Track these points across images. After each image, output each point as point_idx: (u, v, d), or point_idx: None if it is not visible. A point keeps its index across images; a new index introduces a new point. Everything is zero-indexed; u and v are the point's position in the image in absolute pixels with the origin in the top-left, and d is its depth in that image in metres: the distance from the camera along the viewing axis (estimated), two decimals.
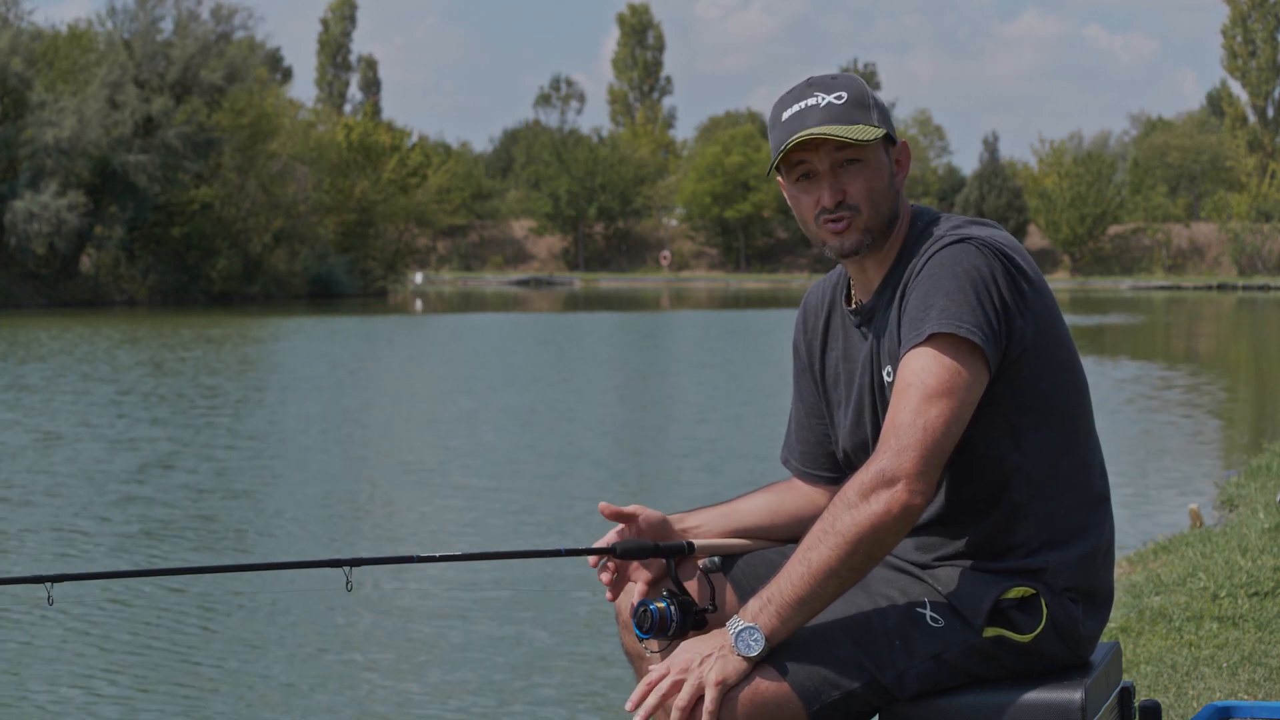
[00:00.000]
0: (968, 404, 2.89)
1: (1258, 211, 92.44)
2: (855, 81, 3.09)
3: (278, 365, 28.40)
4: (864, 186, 3.05)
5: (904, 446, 2.85)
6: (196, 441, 16.54)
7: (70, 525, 11.70)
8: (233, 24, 65.38)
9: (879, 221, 3.07)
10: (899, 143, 3.13)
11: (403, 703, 7.26)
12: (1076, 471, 3.06)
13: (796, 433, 3.36)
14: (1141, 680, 5.52)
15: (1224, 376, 26.91)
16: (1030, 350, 2.99)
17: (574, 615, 8.81)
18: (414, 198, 77.08)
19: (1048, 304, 3.03)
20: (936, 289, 2.93)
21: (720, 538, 3.27)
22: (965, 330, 2.88)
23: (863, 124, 3.03)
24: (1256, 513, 9.28)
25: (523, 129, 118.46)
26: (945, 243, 2.99)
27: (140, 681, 7.68)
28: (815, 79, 3.10)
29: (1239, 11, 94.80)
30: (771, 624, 2.87)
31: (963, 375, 2.88)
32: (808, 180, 3.08)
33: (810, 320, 3.29)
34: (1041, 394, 3.01)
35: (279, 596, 9.34)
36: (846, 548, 2.85)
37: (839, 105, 3.04)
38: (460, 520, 11.98)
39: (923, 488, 2.85)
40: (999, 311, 2.93)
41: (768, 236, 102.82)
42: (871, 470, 2.86)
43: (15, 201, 57.54)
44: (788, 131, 3.06)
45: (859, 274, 3.15)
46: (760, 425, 17.96)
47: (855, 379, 3.17)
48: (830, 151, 3.04)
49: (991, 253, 2.96)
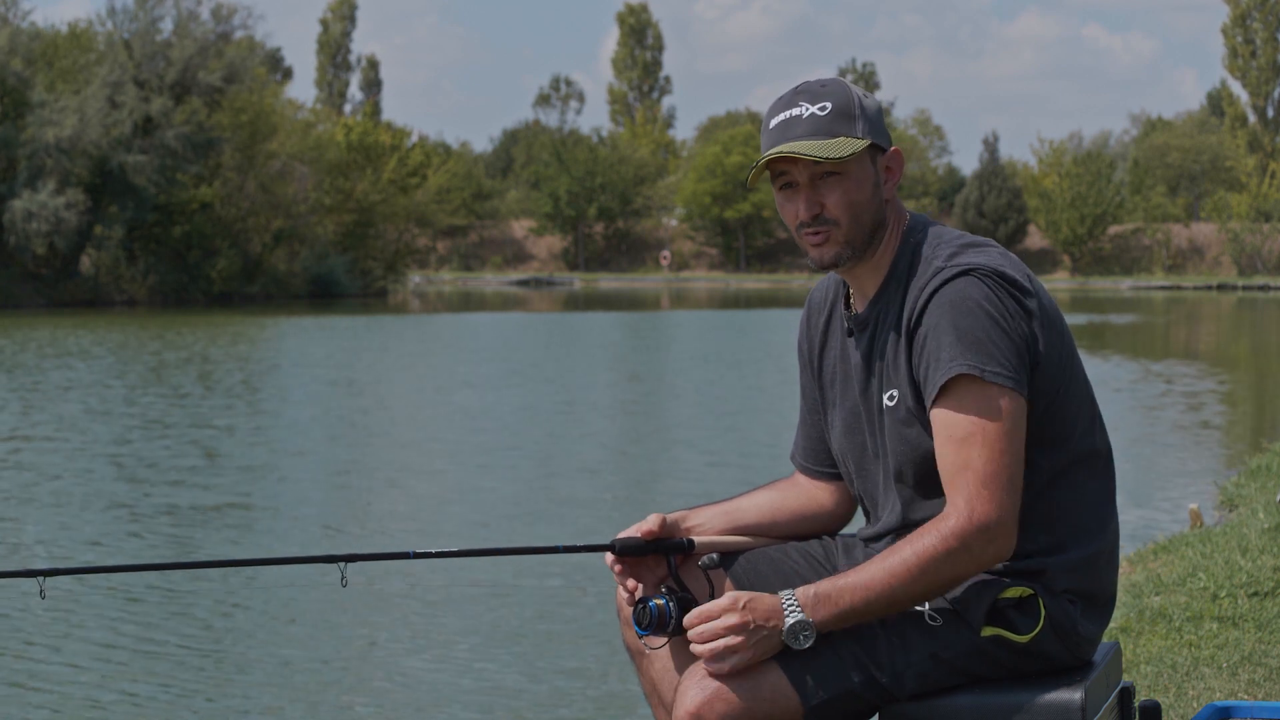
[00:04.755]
0: (1021, 438, 2.96)
1: (1258, 211, 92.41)
2: (843, 90, 3.08)
3: (277, 364, 28.39)
4: (842, 199, 3.05)
5: (999, 496, 2.92)
6: (194, 438, 16.54)
7: (66, 521, 11.71)
8: (232, 24, 65.39)
9: (859, 234, 3.07)
10: (889, 149, 3.12)
11: (399, 697, 7.25)
12: (1081, 476, 3.07)
13: (801, 428, 3.39)
14: (1141, 680, 5.52)
15: (1224, 376, 26.91)
16: (1041, 363, 3.01)
17: (573, 612, 8.80)
18: (414, 198, 77.05)
19: (1052, 316, 3.06)
20: (957, 331, 2.95)
21: (722, 535, 3.28)
22: (991, 374, 2.93)
23: (845, 136, 3.04)
24: (1256, 513, 9.27)
25: (523, 129, 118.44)
26: (947, 277, 3.00)
27: (132, 674, 7.69)
28: (805, 86, 3.11)
29: (1239, 11, 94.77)
30: (826, 622, 2.92)
31: (1009, 414, 2.94)
32: (790, 190, 3.10)
33: (813, 318, 3.31)
34: (1049, 402, 3.03)
35: (274, 592, 9.34)
36: (925, 582, 2.93)
37: (822, 117, 3.04)
38: (459, 517, 11.99)
39: (1011, 532, 2.95)
40: (1018, 341, 2.97)
41: (768, 236, 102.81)
42: (962, 516, 2.92)
43: (15, 201, 57.53)
44: (771, 140, 3.08)
45: (854, 281, 3.17)
46: (759, 424, 17.96)
47: (850, 385, 3.19)
48: (809, 165, 3.05)
49: (996, 282, 2.98)
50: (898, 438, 3.07)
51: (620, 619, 3.25)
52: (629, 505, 12.32)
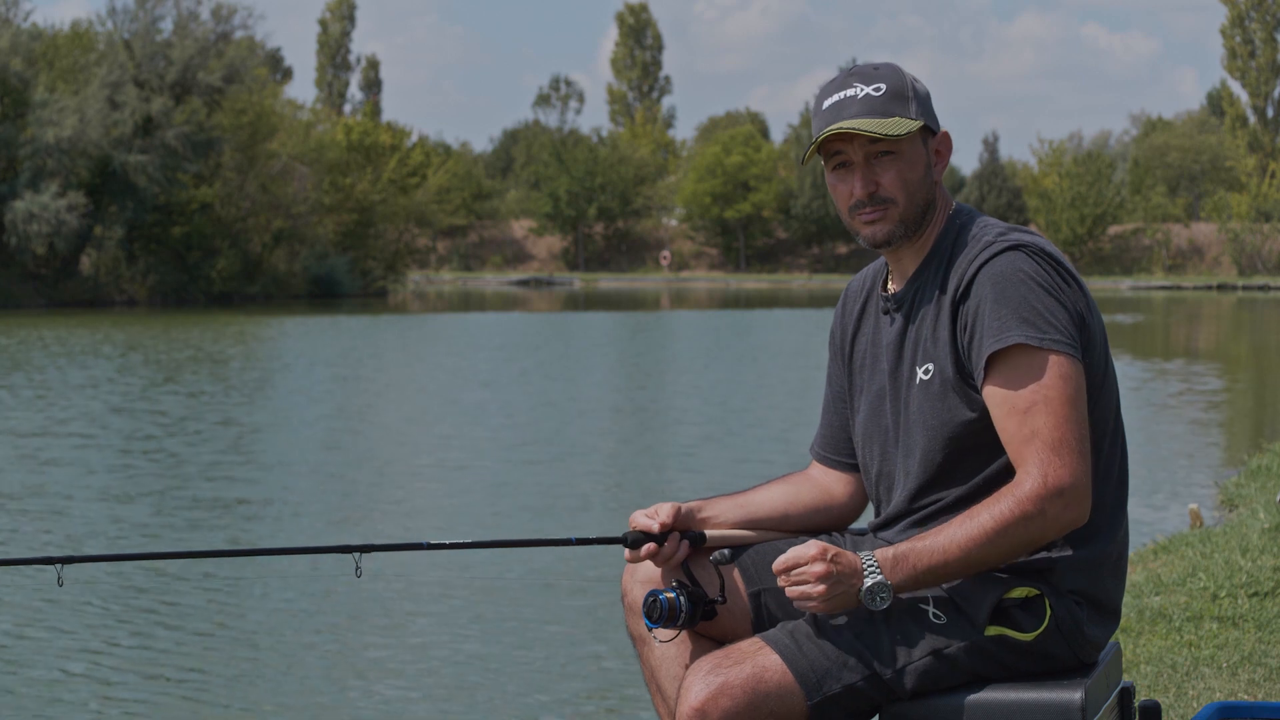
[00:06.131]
0: (1084, 401, 2.96)
1: (1258, 211, 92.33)
2: (896, 72, 3.12)
3: (281, 362, 28.39)
4: (897, 178, 3.08)
5: (1070, 460, 2.91)
6: (205, 434, 16.55)
7: (83, 511, 11.81)
8: (232, 24, 65.33)
9: (914, 212, 3.10)
10: (939, 132, 3.15)
11: (410, 688, 7.27)
12: (1098, 476, 3.07)
13: (824, 417, 3.41)
14: (1141, 680, 5.53)
15: (1224, 376, 26.91)
16: (1088, 348, 3.03)
17: (582, 604, 8.82)
18: (414, 198, 77.00)
19: (1093, 309, 3.07)
20: (1009, 302, 2.96)
21: (735, 528, 3.30)
22: (1049, 341, 2.94)
23: (899, 116, 3.07)
24: (1256, 513, 9.28)
25: (522, 129, 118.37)
26: (997, 250, 3.02)
27: (148, 662, 7.72)
28: (857, 69, 3.14)
29: (1237, 12, 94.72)
30: (903, 584, 2.95)
31: (1070, 378, 2.94)
32: (844, 169, 3.12)
33: (849, 305, 3.33)
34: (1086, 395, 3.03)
35: (289, 581, 9.38)
36: (1001, 547, 2.94)
37: (877, 98, 3.07)
38: (471, 511, 12.04)
39: (1085, 497, 2.94)
40: (1071, 310, 2.98)
41: (768, 237, 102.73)
42: (1036, 481, 2.91)
43: (15, 201, 57.50)
44: (825, 121, 3.10)
45: (895, 262, 3.19)
46: (759, 424, 17.96)
47: (879, 365, 3.19)
48: (864, 144, 3.07)
49: (1046, 258, 3.01)
50: (930, 411, 3.06)
51: (625, 606, 3.26)
52: (640, 500, 12.33)
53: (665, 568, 3.20)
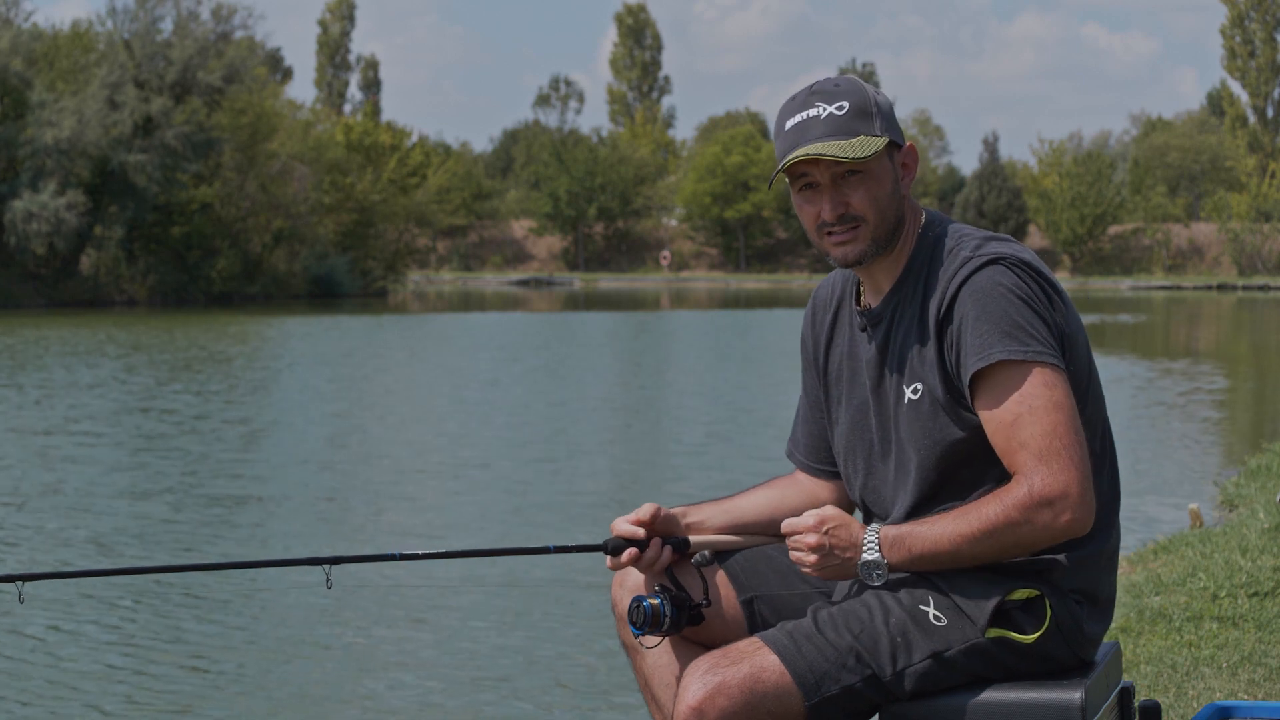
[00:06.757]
0: (1073, 407, 2.96)
1: (1257, 211, 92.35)
2: (858, 89, 3.08)
3: (275, 364, 28.38)
4: (866, 196, 3.05)
5: (1058, 468, 2.92)
6: (186, 441, 16.53)
7: (49, 525, 11.62)
8: (232, 24, 65.34)
9: (885, 229, 3.07)
10: (905, 146, 3.13)
11: (387, 701, 7.24)
12: (1094, 476, 3.06)
13: (802, 426, 3.38)
14: (1141, 680, 5.52)
15: (1224, 376, 26.90)
16: (1068, 357, 3.02)
17: (566, 613, 8.80)
18: (414, 198, 77.02)
19: (1073, 314, 3.07)
20: (990, 318, 2.95)
21: (721, 533, 3.29)
22: (1031, 354, 2.94)
23: (864, 134, 3.04)
24: (1256, 513, 9.28)
25: (522, 129, 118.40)
26: (976, 266, 3.00)
27: (115, 677, 7.66)
28: (819, 86, 3.10)
29: (1236, 13, 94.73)
30: (899, 564, 3.00)
31: (1054, 386, 2.94)
32: (811, 190, 3.09)
33: (819, 314, 3.30)
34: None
35: (259, 595, 9.33)
36: (989, 547, 2.96)
37: (840, 116, 3.04)
38: (454, 518, 11.98)
39: (1083, 503, 2.94)
40: (1051, 323, 2.98)
41: (768, 236, 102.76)
42: (1022, 489, 2.92)
43: (15, 201, 57.50)
44: (789, 143, 3.06)
45: (868, 278, 3.16)
46: (758, 423, 17.95)
47: (858, 380, 3.18)
48: (830, 165, 3.05)
49: (1025, 270, 3.00)
50: (922, 430, 3.05)
51: (615, 615, 3.25)
52: (640, 501, 12.29)
53: (649, 573, 3.19)
